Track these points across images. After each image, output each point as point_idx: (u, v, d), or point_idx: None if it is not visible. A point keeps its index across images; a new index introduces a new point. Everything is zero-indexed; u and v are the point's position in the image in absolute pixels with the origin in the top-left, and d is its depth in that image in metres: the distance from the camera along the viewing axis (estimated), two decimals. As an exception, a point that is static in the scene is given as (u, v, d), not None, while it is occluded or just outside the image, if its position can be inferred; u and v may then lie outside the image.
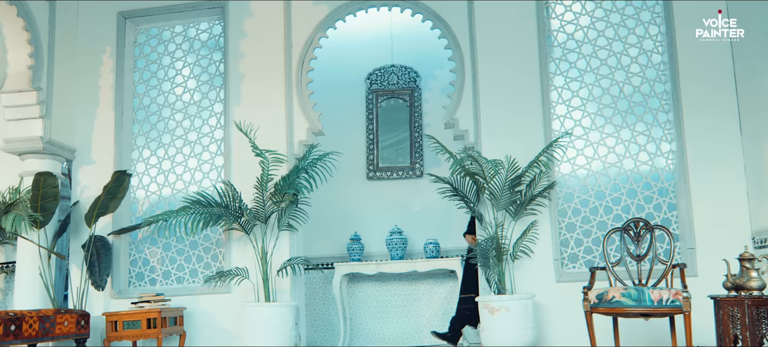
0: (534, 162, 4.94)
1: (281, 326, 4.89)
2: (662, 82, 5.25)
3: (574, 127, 5.28)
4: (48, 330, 4.53)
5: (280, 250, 5.29)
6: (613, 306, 3.72)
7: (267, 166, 5.09)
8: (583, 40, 5.38)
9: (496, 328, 4.63)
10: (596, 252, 5.14)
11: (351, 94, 6.81)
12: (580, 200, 5.22)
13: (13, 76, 5.34)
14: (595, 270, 4.09)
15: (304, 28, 5.61)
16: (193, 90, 5.86)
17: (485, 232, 5.03)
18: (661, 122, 5.21)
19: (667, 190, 5.14)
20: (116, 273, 5.58)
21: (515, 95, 5.29)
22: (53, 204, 5.19)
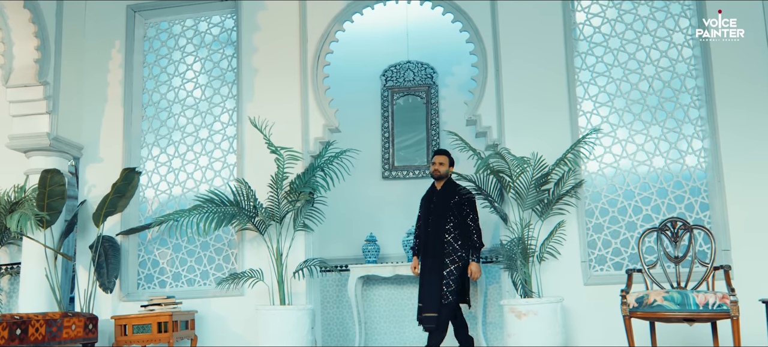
0: (561, 160, 4.73)
1: (297, 330, 4.69)
2: (693, 77, 5.04)
3: (601, 123, 5.08)
4: (55, 334, 4.32)
5: (295, 251, 5.10)
6: (654, 311, 3.51)
7: (282, 163, 4.90)
8: (611, 33, 5.18)
9: (523, 333, 4.42)
10: (625, 254, 4.93)
11: (365, 91, 6.60)
12: (608, 199, 5.01)
13: (19, 70, 5.15)
14: (632, 273, 3.88)
15: (320, 21, 5.42)
16: (205, 86, 5.66)
17: (510, 233, 4.82)
18: (693, 119, 5.01)
19: (699, 189, 4.93)
20: (124, 274, 5.38)
21: (540, 90, 5.09)
22: (60, 203, 4.99)
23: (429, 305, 4.64)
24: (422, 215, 4.97)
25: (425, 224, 4.87)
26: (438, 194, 4.89)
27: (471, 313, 6.05)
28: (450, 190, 4.88)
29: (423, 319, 4.69)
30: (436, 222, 4.78)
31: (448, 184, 4.91)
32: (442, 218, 4.76)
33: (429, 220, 4.83)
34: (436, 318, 4.60)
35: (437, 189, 4.93)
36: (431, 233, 4.78)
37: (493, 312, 5.97)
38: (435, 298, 4.63)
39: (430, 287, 4.69)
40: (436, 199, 4.87)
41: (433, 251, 4.73)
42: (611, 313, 4.69)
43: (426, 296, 4.69)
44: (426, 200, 5.00)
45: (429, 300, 4.66)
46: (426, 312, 4.65)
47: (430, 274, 4.72)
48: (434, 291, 4.65)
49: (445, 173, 4.90)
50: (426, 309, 4.66)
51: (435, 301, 4.63)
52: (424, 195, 5.06)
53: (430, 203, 4.91)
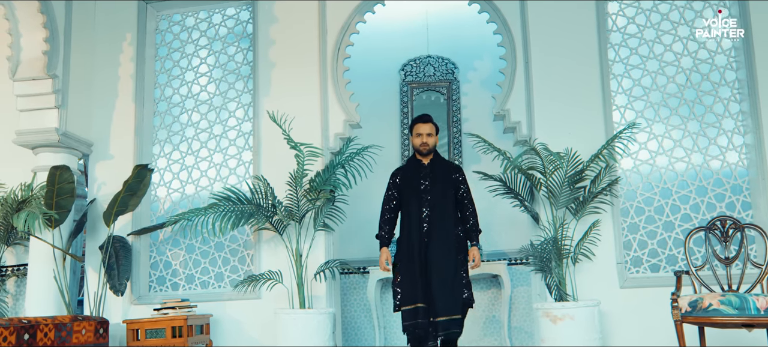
0: (597, 156, 4.49)
1: (319, 334, 4.46)
2: (734, 69, 4.80)
3: (636, 118, 4.84)
4: (64, 339, 4.09)
5: (315, 252, 4.86)
6: (709, 316, 3.26)
7: (303, 160, 4.67)
8: (645, 23, 4.95)
9: (559, 339, 4.17)
10: (662, 256, 4.69)
11: (384, 86, 6.38)
12: (644, 198, 4.77)
13: (27, 62, 4.92)
14: (681, 275, 3.63)
15: (340, 12, 5.19)
16: (219, 80, 5.44)
17: (542, 233, 4.58)
18: (733, 113, 4.77)
19: (741, 187, 4.68)
20: (136, 276, 5.15)
21: (571, 83, 4.85)
22: (69, 201, 4.76)
23: (445, 306, 3.80)
24: (409, 198, 4.09)
25: (418, 208, 4.02)
26: (430, 171, 4.11)
27: (495, 317, 5.81)
28: (444, 166, 4.16)
29: (438, 325, 3.80)
30: (436, 205, 4.00)
31: (438, 158, 4.19)
32: (443, 199, 4.03)
33: (423, 202, 4.03)
34: (461, 322, 3.87)
35: (425, 164, 4.15)
36: (431, 218, 3.98)
37: (518, 315, 5.73)
38: (456, 298, 3.85)
39: (443, 285, 3.85)
40: (431, 177, 4.08)
41: (439, 241, 3.94)
42: (648, 317, 4.47)
43: (439, 296, 3.81)
44: (410, 179, 4.14)
45: (443, 300, 3.81)
46: (442, 314, 3.79)
47: (439, 269, 3.89)
48: (448, 289, 3.84)
49: (434, 147, 4.18)
50: (442, 310, 3.80)
51: (457, 301, 3.85)
52: (403, 174, 4.21)
53: (418, 183, 4.09)
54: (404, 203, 4.13)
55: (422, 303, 3.86)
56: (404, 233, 4.07)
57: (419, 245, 3.96)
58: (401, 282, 3.97)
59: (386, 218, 4.23)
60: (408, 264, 3.96)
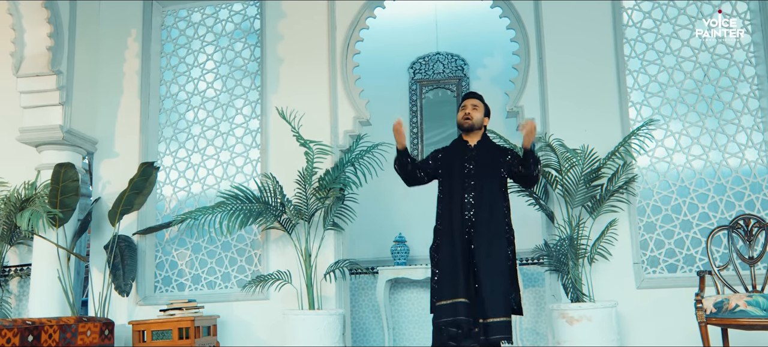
0: (613, 153, 4.38)
1: (328, 335, 4.36)
2: (753, 65, 4.70)
3: (653, 115, 4.73)
4: (69, 340, 3.99)
5: (325, 252, 4.76)
6: (736, 317, 3.15)
7: (312, 158, 4.57)
8: (662, 18, 4.84)
9: (575, 340, 4.07)
10: (679, 255, 4.58)
11: (393, 83, 6.28)
12: (661, 196, 4.66)
13: (31, 58, 4.83)
14: (704, 275, 3.52)
15: (350, 7, 5.09)
16: (226, 77, 5.34)
17: (558, 232, 4.48)
18: (752, 110, 4.66)
19: (761, 185, 4.58)
20: (141, 276, 5.05)
21: (586, 79, 4.75)
22: (74, 199, 4.67)
23: (496, 307, 3.30)
24: (450, 182, 3.60)
25: (461, 195, 3.51)
26: (476, 154, 3.61)
27: (507, 318, 5.70)
28: (494, 149, 3.66)
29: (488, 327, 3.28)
30: (483, 192, 3.49)
31: (486, 140, 3.69)
32: (491, 185, 3.51)
33: (466, 188, 3.52)
34: (510, 325, 3.34)
35: (471, 146, 3.65)
36: (478, 206, 3.47)
37: (530, 316, 5.62)
38: (503, 296, 3.35)
39: (492, 281, 3.34)
40: (477, 160, 3.58)
41: (487, 232, 3.43)
42: (667, 318, 4.37)
43: (489, 296, 3.31)
44: (451, 161, 3.64)
45: (494, 300, 3.30)
46: (492, 316, 3.28)
47: (489, 265, 3.37)
48: (499, 287, 3.34)
49: (480, 124, 3.66)
50: (493, 311, 3.29)
51: (506, 302, 3.35)
52: (445, 153, 3.72)
53: (462, 166, 3.59)
54: (444, 187, 3.63)
55: (464, 298, 3.33)
56: (444, 221, 3.55)
57: (461, 236, 3.45)
58: (440, 275, 3.47)
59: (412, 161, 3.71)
60: (448, 256, 3.45)
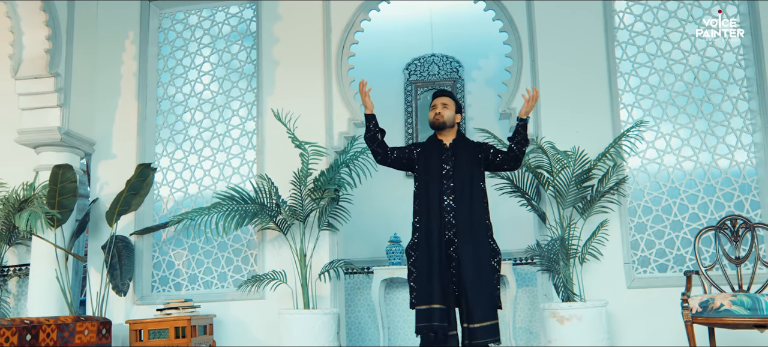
0: (604, 154, 4.44)
1: (323, 335, 4.41)
2: (742, 67, 4.75)
3: (644, 117, 4.79)
4: (67, 339, 4.05)
5: (320, 252, 4.82)
6: (721, 316, 3.21)
7: (307, 159, 4.62)
8: (653, 21, 4.90)
9: (566, 339, 4.13)
10: (669, 255, 4.64)
11: (388, 85, 6.34)
12: (651, 197, 4.72)
13: (29, 60, 4.88)
14: (691, 275, 3.58)
15: (345, 10, 5.15)
16: (222, 79, 5.39)
17: (549, 233, 4.54)
18: (742, 112, 4.72)
19: (750, 186, 4.63)
20: (138, 276, 5.10)
21: (578, 81, 4.81)
22: (72, 200, 4.72)
23: (482, 311, 3.30)
24: (427, 182, 3.56)
25: (439, 196, 3.49)
26: (452, 154, 3.58)
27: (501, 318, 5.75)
28: (469, 146, 3.64)
29: (474, 332, 3.29)
30: (463, 192, 3.47)
31: (461, 138, 3.69)
32: (471, 184, 3.50)
33: (445, 189, 3.50)
34: (498, 327, 3.36)
35: (446, 145, 3.63)
36: (458, 208, 3.45)
37: (523, 316, 5.69)
38: (489, 299, 3.35)
39: (479, 283, 3.33)
40: (455, 160, 3.56)
41: (469, 235, 3.42)
42: (656, 317, 4.42)
43: (474, 299, 3.31)
44: (428, 160, 3.59)
45: (480, 304, 3.30)
46: (479, 320, 3.29)
47: (472, 268, 3.34)
48: (485, 290, 3.33)
49: (452, 121, 3.65)
50: (479, 316, 3.30)
51: (492, 305, 3.36)
52: (422, 150, 3.67)
53: (439, 166, 3.56)
54: (421, 184, 3.60)
55: (439, 303, 3.35)
56: (422, 222, 3.53)
57: (440, 238, 3.44)
58: (416, 277, 3.47)
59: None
60: (425, 257, 3.43)
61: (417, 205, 3.63)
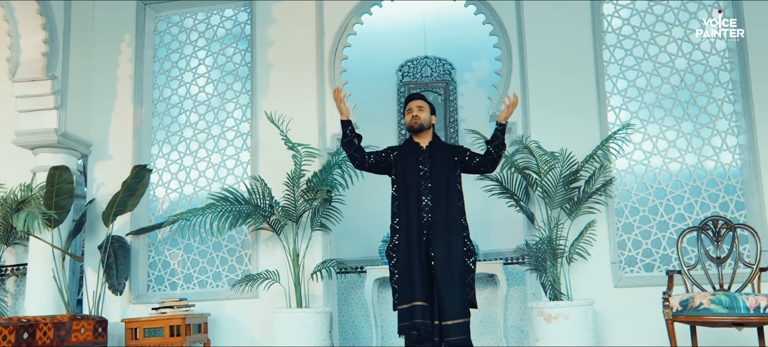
0: (591, 156, 4.53)
1: (315, 333, 4.49)
2: (728, 70, 4.84)
3: (631, 119, 4.88)
4: (63, 338, 4.13)
5: (313, 252, 4.90)
6: (700, 314, 3.30)
7: (300, 160, 4.70)
8: (640, 25, 4.98)
9: (553, 338, 4.21)
10: (656, 255, 4.73)
11: (382, 87, 6.42)
12: (638, 198, 4.81)
13: (26, 63, 4.96)
14: (673, 274, 3.67)
15: (338, 13, 5.23)
16: (217, 81, 5.48)
17: (538, 233, 4.62)
18: (727, 114, 4.80)
19: (735, 187, 4.72)
20: (134, 276, 5.18)
21: (567, 84, 4.89)
22: (68, 201, 4.80)
23: (454, 308, 3.38)
24: (405, 184, 3.66)
25: (417, 197, 3.59)
26: (429, 156, 3.70)
27: (492, 316, 5.85)
28: (445, 148, 3.77)
29: (446, 329, 3.37)
30: (439, 193, 3.58)
31: (437, 141, 3.80)
32: (447, 185, 3.61)
33: (423, 190, 3.61)
34: (469, 325, 3.43)
35: (423, 147, 3.75)
36: (435, 208, 3.56)
37: (514, 315, 5.77)
38: (461, 297, 3.43)
39: (451, 282, 3.41)
40: (431, 162, 3.67)
41: (445, 233, 3.52)
42: (642, 316, 4.51)
43: (447, 296, 3.39)
44: (405, 162, 3.71)
45: (452, 301, 3.38)
46: (451, 317, 3.37)
47: (446, 266, 3.44)
48: (457, 287, 3.41)
49: (428, 123, 3.78)
50: (451, 313, 3.38)
51: (463, 301, 3.43)
52: (399, 154, 3.78)
53: (416, 168, 3.66)
54: (399, 186, 3.70)
55: (421, 301, 3.44)
56: (401, 223, 3.62)
57: (418, 238, 3.54)
58: (398, 278, 3.56)
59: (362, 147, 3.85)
60: (406, 258, 3.53)
61: (395, 207, 3.71)
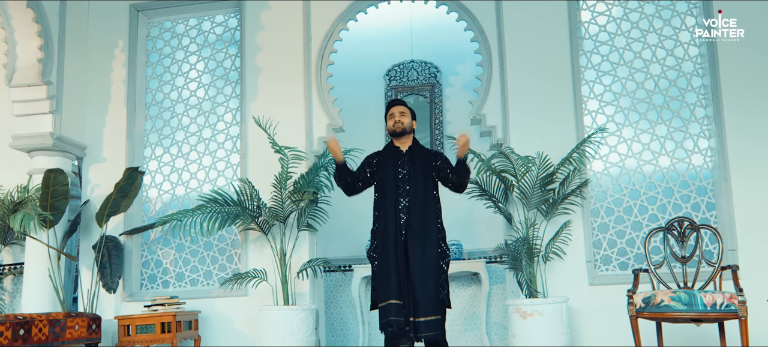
0: (566, 159, 4.70)
1: (301, 330, 4.67)
2: (700, 75, 5.01)
3: (607, 122, 5.05)
4: (58, 334, 4.31)
5: (299, 251, 5.08)
6: (661, 311, 3.48)
7: (286, 163, 4.87)
8: (616, 31, 5.15)
9: (528, 333, 4.39)
10: (631, 254, 4.90)
11: (369, 90, 6.58)
12: (614, 199, 4.98)
13: (22, 69, 5.13)
14: (639, 273, 3.85)
15: (324, 20, 5.40)
16: (208, 85, 5.65)
17: (515, 233, 4.80)
18: (699, 118, 4.97)
19: (706, 189, 4.90)
20: (128, 274, 5.36)
21: (545, 89, 5.06)
22: (63, 203, 4.98)
23: (427, 305, 3.54)
24: (385, 187, 3.81)
25: (395, 199, 3.73)
26: (408, 159, 3.83)
27: (476, 313, 6.02)
28: (424, 153, 3.89)
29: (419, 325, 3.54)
30: (416, 196, 3.73)
31: (417, 145, 3.93)
32: (424, 189, 3.76)
33: (401, 192, 3.75)
34: (441, 322, 3.60)
35: (402, 151, 3.89)
36: (411, 209, 3.70)
37: (496, 312, 5.94)
38: (434, 295, 3.58)
39: (424, 280, 3.57)
40: (410, 166, 3.80)
41: (420, 234, 3.67)
42: (617, 313, 4.67)
43: (420, 295, 3.54)
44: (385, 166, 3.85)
45: (425, 299, 3.54)
46: (423, 314, 3.53)
47: (420, 266, 3.60)
48: (430, 285, 3.57)
49: (410, 128, 3.92)
50: (424, 310, 3.54)
51: (436, 300, 3.58)
52: (380, 158, 3.93)
53: (396, 171, 3.81)
54: (380, 190, 3.85)
55: (396, 299, 3.58)
56: (380, 224, 3.77)
57: (395, 239, 3.67)
58: (377, 277, 3.74)
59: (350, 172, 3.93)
60: (383, 258, 3.70)
61: (376, 210, 3.88)
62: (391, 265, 3.65)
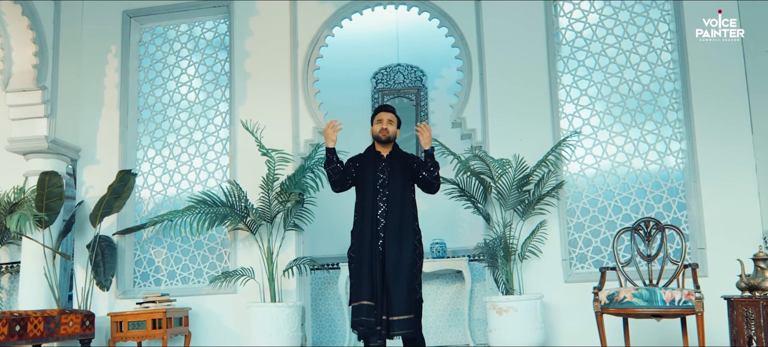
0: (542, 161, 4.88)
1: (287, 326, 4.86)
2: (672, 80, 5.19)
3: (583, 126, 5.23)
4: (53, 330, 4.49)
5: (286, 250, 5.26)
6: (624, 307, 3.66)
7: (273, 165, 5.06)
8: (592, 37, 5.33)
9: (504, 329, 4.58)
10: (605, 252, 5.09)
11: (357, 93, 6.77)
12: (589, 199, 5.17)
13: (18, 75, 5.31)
14: (606, 270, 4.04)
15: (311, 26, 5.58)
16: (198, 89, 5.83)
17: (493, 232, 4.98)
18: (671, 121, 5.16)
19: (677, 189, 5.08)
20: (121, 273, 5.55)
21: (523, 93, 5.24)
22: (58, 204, 5.16)
23: (401, 305, 3.65)
24: (364, 190, 3.94)
25: (373, 203, 3.85)
26: (388, 165, 3.95)
27: (459, 309, 6.22)
28: (404, 158, 4.02)
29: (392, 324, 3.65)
30: (394, 200, 3.85)
31: (397, 151, 4.05)
32: (402, 194, 3.88)
33: (379, 196, 3.86)
34: (415, 321, 3.69)
35: (383, 156, 4.00)
36: (389, 214, 3.81)
37: (479, 309, 6.13)
38: (407, 294, 3.68)
39: (398, 280, 3.68)
40: (390, 171, 3.92)
41: (397, 238, 3.78)
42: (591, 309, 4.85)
43: (395, 295, 3.66)
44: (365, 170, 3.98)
45: (399, 299, 3.66)
46: (397, 313, 3.65)
47: (396, 268, 3.71)
48: (403, 285, 3.68)
49: (394, 136, 4.03)
50: (398, 309, 3.65)
51: (408, 299, 3.68)
52: (361, 162, 4.05)
53: (375, 176, 3.93)
54: (359, 195, 3.98)
55: (368, 300, 3.70)
56: (357, 227, 3.91)
57: (371, 241, 3.79)
58: (352, 278, 3.87)
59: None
60: (359, 260, 3.81)
61: (356, 213, 3.99)
62: (365, 267, 3.76)
